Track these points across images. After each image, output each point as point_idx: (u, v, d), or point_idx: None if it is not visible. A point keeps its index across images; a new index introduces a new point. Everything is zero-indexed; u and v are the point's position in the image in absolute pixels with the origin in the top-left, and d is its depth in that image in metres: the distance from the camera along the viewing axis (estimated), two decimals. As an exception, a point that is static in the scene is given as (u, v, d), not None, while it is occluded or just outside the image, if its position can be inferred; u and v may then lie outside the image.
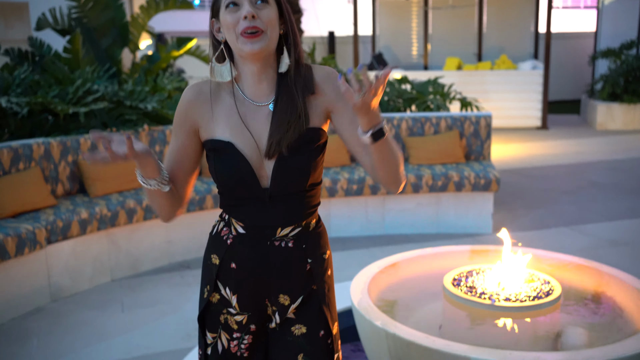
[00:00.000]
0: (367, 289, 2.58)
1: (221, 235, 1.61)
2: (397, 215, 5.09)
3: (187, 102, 1.56)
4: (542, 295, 2.42)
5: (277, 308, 1.60)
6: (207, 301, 1.62)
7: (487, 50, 11.89)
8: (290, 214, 1.54)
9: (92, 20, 6.54)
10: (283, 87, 1.52)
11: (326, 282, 1.63)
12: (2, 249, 3.55)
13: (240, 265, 1.57)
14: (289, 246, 1.56)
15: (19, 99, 4.63)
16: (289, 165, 1.49)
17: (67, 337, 3.47)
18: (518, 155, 8.21)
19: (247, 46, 1.45)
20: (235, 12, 1.46)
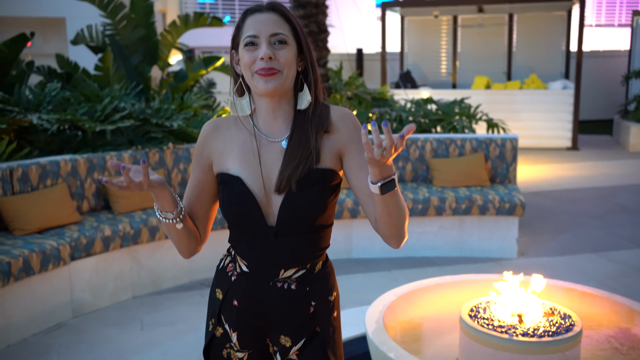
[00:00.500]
0: (382, 318, 2.55)
1: (227, 270, 1.60)
2: (420, 237, 5.04)
3: (204, 136, 1.57)
4: (562, 331, 2.36)
5: (278, 349, 1.58)
6: (212, 334, 1.62)
7: (517, 69, 11.78)
8: (294, 255, 1.52)
9: (124, 38, 6.68)
10: (298, 125, 1.51)
11: (331, 324, 1.59)
12: (26, 264, 3.61)
13: (242, 304, 1.56)
14: (291, 288, 1.54)
15: (49, 115, 4.73)
16: (297, 202, 1.47)
17: (86, 355, 3.50)
18: (546, 176, 8.09)
19: (262, 84, 1.45)
20: (252, 52, 1.46)
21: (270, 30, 1.45)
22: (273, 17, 1.47)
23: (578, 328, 2.37)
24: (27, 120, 4.66)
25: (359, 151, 1.51)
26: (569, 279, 4.33)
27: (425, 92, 10.67)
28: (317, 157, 1.49)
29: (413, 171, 5.40)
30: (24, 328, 3.70)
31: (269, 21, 1.46)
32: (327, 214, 1.52)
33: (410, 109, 6.22)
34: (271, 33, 1.45)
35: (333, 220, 1.58)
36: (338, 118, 1.53)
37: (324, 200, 1.49)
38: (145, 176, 1.38)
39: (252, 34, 1.46)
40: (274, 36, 1.45)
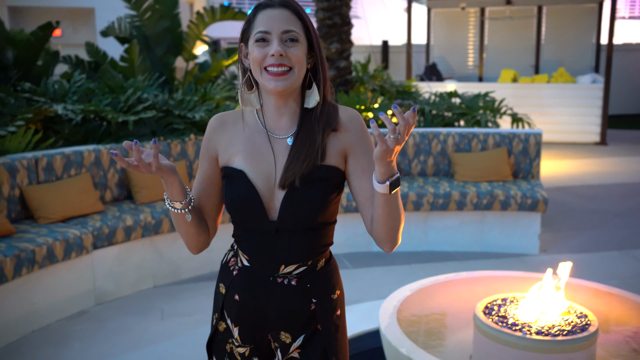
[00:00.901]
0: (396, 313, 2.55)
1: (229, 265, 1.62)
2: (440, 232, 5.02)
3: (211, 130, 1.58)
4: (578, 330, 2.33)
5: (278, 345, 1.58)
6: (215, 329, 1.63)
7: (545, 62, 11.59)
8: (295, 251, 1.52)
9: (149, 29, 6.74)
10: (305, 123, 1.51)
11: (334, 322, 1.58)
12: (50, 253, 3.69)
13: (243, 298, 1.57)
14: (291, 284, 1.54)
15: (74, 106, 4.81)
16: (299, 198, 1.47)
17: (107, 342, 3.57)
18: (572, 172, 7.97)
19: (272, 83, 1.45)
20: (263, 48, 1.45)
21: (283, 27, 1.44)
22: (285, 14, 1.46)
23: (594, 328, 2.34)
24: (52, 110, 4.74)
25: (364, 154, 1.51)
26: (591, 276, 4.27)
27: (451, 85, 10.57)
28: (323, 154, 1.48)
29: (435, 165, 5.37)
30: (48, 315, 3.78)
31: (281, 18, 1.45)
32: (330, 211, 1.52)
33: (434, 102, 6.17)
34: (283, 30, 1.44)
35: (336, 218, 1.57)
36: (346, 118, 1.53)
37: (326, 197, 1.48)
38: (155, 157, 1.38)
39: (263, 30, 1.45)
40: (285, 33, 1.44)
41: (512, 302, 2.57)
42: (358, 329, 3.19)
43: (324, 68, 1.53)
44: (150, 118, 4.90)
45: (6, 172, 3.96)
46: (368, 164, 1.50)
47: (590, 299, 2.82)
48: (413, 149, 5.35)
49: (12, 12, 15.19)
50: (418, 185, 5.02)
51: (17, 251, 3.52)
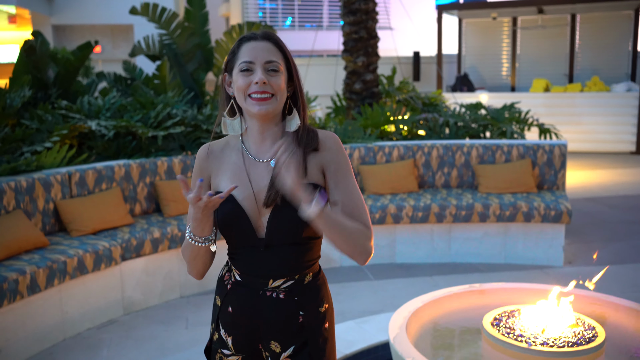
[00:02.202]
0: (405, 324, 2.60)
1: (224, 279, 1.72)
2: (464, 243, 5.03)
3: (200, 160, 1.70)
4: (583, 342, 2.35)
5: (269, 354, 1.68)
6: (211, 337, 1.75)
7: (579, 71, 11.45)
8: (283, 266, 1.61)
9: (180, 46, 6.96)
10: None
11: (322, 334, 1.67)
12: (81, 264, 3.86)
13: (235, 310, 1.67)
14: (280, 297, 1.63)
15: (107, 122, 5.01)
16: (283, 215, 1.57)
17: (134, 350, 3.71)
18: (604, 182, 7.85)
19: (255, 107, 1.56)
20: (247, 76, 1.57)
21: (265, 57, 1.57)
22: (268, 46, 1.58)
23: (600, 340, 2.35)
24: (86, 126, 4.95)
25: (336, 170, 1.62)
26: (616, 289, 4.23)
27: (483, 96, 10.54)
28: (305, 172, 1.59)
29: (458, 177, 5.39)
30: (79, 323, 3.95)
31: (264, 49, 1.58)
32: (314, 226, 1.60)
33: (459, 114, 6.20)
34: (266, 60, 1.57)
35: (322, 233, 1.64)
36: (325, 139, 1.64)
37: None
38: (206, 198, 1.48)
39: (247, 60, 1.57)
40: (268, 63, 1.57)
41: (521, 314, 2.60)
42: (375, 340, 3.25)
43: (302, 95, 1.66)
44: (179, 133, 5.07)
45: (41, 186, 4.16)
46: (341, 180, 1.62)
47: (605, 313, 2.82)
48: (437, 161, 5.39)
49: (56, 31, 15.79)
50: (441, 197, 5.05)
51: (50, 262, 3.69)
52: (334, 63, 10.95)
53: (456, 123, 5.99)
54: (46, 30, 14.97)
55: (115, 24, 15.99)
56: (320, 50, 15.32)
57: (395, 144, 5.44)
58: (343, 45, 6.99)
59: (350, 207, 1.61)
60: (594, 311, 2.82)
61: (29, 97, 5.44)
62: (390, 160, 5.42)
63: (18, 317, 3.56)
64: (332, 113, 7.47)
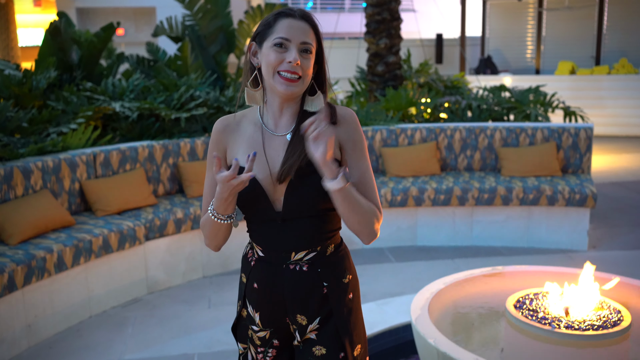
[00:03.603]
0: (427, 305, 2.60)
1: (247, 257, 1.74)
2: (486, 227, 5.00)
3: (216, 133, 1.70)
4: (609, 325, 2.33)
5: (296, 327, 1.69)
6: (239, 315, 1.76)
7: (606, 53, 11.23)
8: (303, 238, 1.62)
9: (203, 28, 6.96)
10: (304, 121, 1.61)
11: (346, 305, 1.68)
12: (106, 243, 3.92)
13: (260, 286, 1.68)
14: (303, 270, 1.64)
15: (130, 104, 5.05)
16: (300, 188, 1.57)
17: (157, 328, 3.77)
18: (631, 166, 7.73)
19: (283, 87, 1.56)
20: (281, 53, 1.55)
21: (302, 38, 1.56)
22: (305, 27, 1.58)
23: (626, 323, 2.33)
24: (110, 108, 4.99)
25: (352, 150, 1.63)
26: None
27: (507, 78, 10.41)
28: None
29: (481, 160, 5.34)
30: (104, 301, 4.02)
31: (301, 29, 1.57)
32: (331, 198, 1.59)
33: (483, 97, 6.13)
34: (302, 41, 1.56)
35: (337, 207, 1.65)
36: (343, 115, 1.64)
37: None
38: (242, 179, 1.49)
39: (284, 37, 1.56)
40: (303, 44, 1.56)
41: (544, 297, 2.58)
42: (396, 321, 3.26)
43: (327, 78, 1.66)
44: (202, 115, 5.09)
45: (67, 167, 4.22)
46: (356, 160, 1.63)
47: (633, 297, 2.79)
48: (460, 144, 5.34)
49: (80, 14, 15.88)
50: (463, 180, 5.02)
51: (76, 241, 3.75)
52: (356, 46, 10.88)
53: (479, 106, 5.93)
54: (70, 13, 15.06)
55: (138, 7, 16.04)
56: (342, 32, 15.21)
57: (417, 126, 5.41)
58: (365, 27, 6.94)
59: (363, 186, 1.63)
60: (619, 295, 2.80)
61: (54, 79, 5.49)
62: (413, 143, 5.38)
63: (46, 295, 3.64)
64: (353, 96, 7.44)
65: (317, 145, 1.44)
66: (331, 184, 1.48)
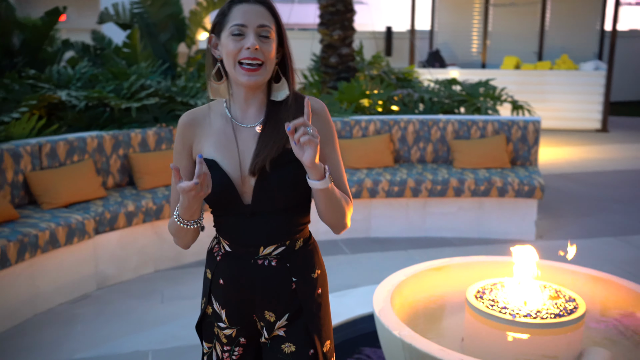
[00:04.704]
0: (390, 298, 2.61)
1: (213, 252, 1.69)
2: (438, 218, 5.07)
3: (182, 127, 1.64)
4: (565, 313, 2.39)
5: (264, 324, 1.65)
6: (204, 312, 1.71)
7: (548, 49, 11.55)
8: (272, 232, 1.58)
9: (152, 16, 6.78)
10: (273, 112, 1.58)
11: (315, 300, 1.65)
12: (53, 237, 3.76)
13: (227, 282, 1.63)
14: (272, 265, 1.60)
15: (78, 92, 4.86)
16: (270, 181, 1.53)
17: (109, 325, 3.65)
18: (573, 159, 7.99)
19: (244, 77, 1.52)
20: (238, 41, 1.50)
21: (259, 21, 1.51)
22: (261, 10, 1.52)
23: (581, 311, 2.40)
24: (56, 97, 4.79)
25: (325, 143, 1.60)
26: (586, 263, 4.30)
27: (454, 72, 10.58)
28: None
29: (434, 152, 5.41)
30: (51, 298, 3.87)
31: (257, 13, 1.51)
32: (302, 191, 1.57)
33: (434, 90, 6.20)
34: (259, 24, 1.51)
35: (310, 198, 1.63)
36: (314, 107, 1.59)
37: (297, 179, 1.54)
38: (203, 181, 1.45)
39: (240, 23, 1.50)
40: (261, 28, 1.51)
41: (503, 287, 2.63)
42: (354, 313, 3.26)
43: (291, 63, 1.61)
44: (153, 105, 4.96)
45: (10, 157, 4.03)
46: (327, 153, 1.60)
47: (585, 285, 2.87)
48: (413, 136, 5.39)
49: None
50: (417, 172, 5.06)
51: (21, 236, 3.59)
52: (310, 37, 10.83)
53: (431, 99, 6.00)
54: (8, -3, 14.43)
55: (80, -8, 15.48)
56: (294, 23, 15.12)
57: (371, 118, 5.42)
58: (319, 19, 6.90)
59: (335, 178, 1.62)
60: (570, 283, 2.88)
61: (-7, 65, 5.25)
62: (367, 135, 5.40)
63: (-11, 292, 3.47)
64: (306, 88, 7.40)
65: (305, 150, 1.41)
66: (318, 184, 1.47)
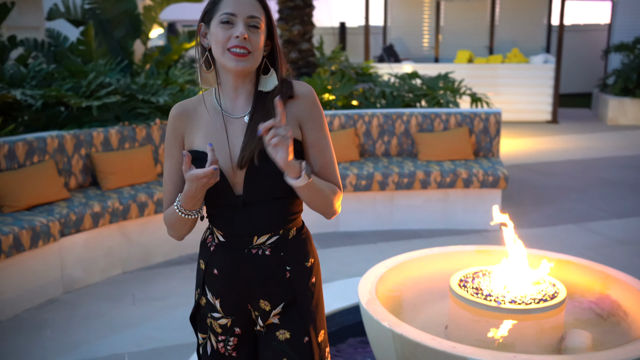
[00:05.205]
0: (374, 289, 2.62)
1: (207, 242, 1.69)
2: (406, 210, 5.13)
3: (173, 119, 1.65)
4: (548, 298, 2.45)
5: (259, 313, 1.66)
6: (197, 303, 1.71)
7: (499, 43, 11.83)
8: (265, 222, 1.59)
9: (106, 12, 6.58)
10: (260, 102, 1.59)
11: (309, 289, 1.66)
12: (17, 241, 3.62)
13: (221, 272, 1.64)
14: (266, 254, 1.61)
15: (33, 91, 4.69)
16: (260, 171, 1.54)
17: (80, 329, 3.54)
18: (527, 150, 8.21)
19: (233, 63, 1.52)
20: (228, 29, 1.52)
21: (249, 12, 1.53)
22: (251, 1, 1.54)
23: (562, 296, 2.46)
24: (11, 96, 4.61)
25: (312, 128, 1.62)
26: (549, 249, 4.44)
27: (408, 67, 10.70)
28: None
29: (398, 145, 5.46)
30: (16, 304, 3.72)
31: (247, 3, 1.53)
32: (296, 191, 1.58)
33: (395, 84, 6.26)
34: (248, 15, 1.53)
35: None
36: (302, 91, 1.61)
37: None
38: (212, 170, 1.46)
39: (230, 12, 1.52)
40: (250, 18, 1.53)
41: (485, 275, 2.68)
42: (332, 307, 3.26)
43: (281, 55, 1.63)
44: (114, 103, 4.83)
45: (-33, 160, 3.86)
46: (317, 138, 1.62)
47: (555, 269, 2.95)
48: (377, 130, 5.43)
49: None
50: (383, 166, 5.10)
51: (-16, 240, 3.44)
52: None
53: (392, 93, 6.05)
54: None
55: (21, -11, 14.94)
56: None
57: (336, 113, 5.43)
58: (278, 14, 6.87)
59: (324, 165, 1.64)
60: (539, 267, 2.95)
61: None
62: (332, 130, 5.40)
63: (-49, 300, 3.32)
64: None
65: (277, 150, 1.42)
66: (295, 182, 1.49)
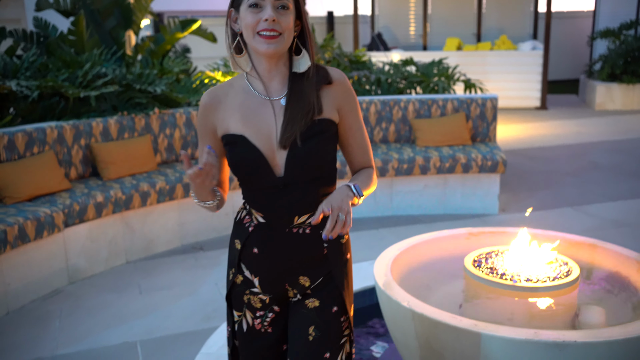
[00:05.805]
0: (390, 271, 2.64)
1: (244, 222, 1.72)
2: (405, 196, 5.16)
3: (204, 106, 1.67)
4: (562, 276, 2.49)
5: (297, 290, 1.70)
6: (232, 282, 1.74)
7: (487, 30, 11.89)
8: (305, 202, 1.63)
9: (96, 2, 6.51)
10: (296, 84, 1.61)
11: (344, 265, 1.73)
12: (22, 232, 3.60)
13: (262, 251, 1.68)
14: (306, 233, 1.66)
15: (28, 82, 4.63)
16: (301, 153, 1.57)
17: (88, 319, 3.53)
18: (518, 136, 8.28)
19: (264, 46, 1.54)
20: (256, 13, 1.53)
21: None
22: None
23: (576, 273, 2.51)
24: (6, 87, 4.55)
25: (349, 111, 1.67)
26: (550, 232, 4.50)
27: (396, 55, 10.72)
28: (320, 109, 1.61)
29: (396, 132, 5.48)
30: (23, 295, 3.70)
31: None
32: (330, 160, 1.64)
33: (389, 71, 6.27)
34: None
35: (336, 163, 1.70)
36: (336, 77, 1.66)
37: (327, 149, 1.61)
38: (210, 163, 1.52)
39: None
40: (278, 0, 1.54)
41: (498, 255, 2.71)
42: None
43: (310, 35, 1.65)
44: (112, 93, 4.79)
45: (-34, 151, 3.82)
46: (352, 122, 1.68)
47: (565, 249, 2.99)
48: (375, 117, 5.44)
49: None
50: (382, 152, 5.12)
51: (-11, 232, 3.42)
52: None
53: (387, 80, 6.06)
54: None
55: (2, -19, 14.69)
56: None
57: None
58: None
59: (359, 147, 1.71)
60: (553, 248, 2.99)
61: None
62: (329, 117, 5.40)
63: (-42, 292, 3.29)
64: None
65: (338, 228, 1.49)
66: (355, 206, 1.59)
